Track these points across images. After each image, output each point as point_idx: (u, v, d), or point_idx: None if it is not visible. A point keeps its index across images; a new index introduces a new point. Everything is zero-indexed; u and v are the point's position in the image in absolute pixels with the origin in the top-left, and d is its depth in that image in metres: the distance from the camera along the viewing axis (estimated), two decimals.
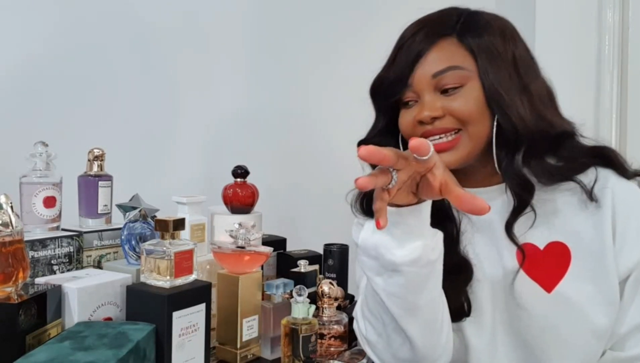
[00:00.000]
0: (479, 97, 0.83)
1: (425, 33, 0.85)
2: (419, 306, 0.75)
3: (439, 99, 0.84)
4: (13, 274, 0.71)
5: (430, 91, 0.84)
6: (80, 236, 0.95)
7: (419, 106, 0.85)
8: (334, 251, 1.11)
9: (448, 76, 0.83)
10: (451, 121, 0.83)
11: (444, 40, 0.85)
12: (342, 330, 0.92)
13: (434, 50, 0.85)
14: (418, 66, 0.85)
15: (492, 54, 0.84)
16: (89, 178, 1.01)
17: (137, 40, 1.40)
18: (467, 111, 0.83)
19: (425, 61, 0.84)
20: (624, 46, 1.65)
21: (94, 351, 0.64)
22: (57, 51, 1.27)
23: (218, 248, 0.90)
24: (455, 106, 0.83)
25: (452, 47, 0.85)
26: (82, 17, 1.30)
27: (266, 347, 0.91)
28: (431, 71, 0.84)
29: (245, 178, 1.07)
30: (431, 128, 0.84)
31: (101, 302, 0.78)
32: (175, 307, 0.75)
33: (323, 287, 0.92)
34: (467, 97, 0.83)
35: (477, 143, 0.85)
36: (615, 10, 1.64)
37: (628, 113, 1.66)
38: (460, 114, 0.83)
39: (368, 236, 0.74)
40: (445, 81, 0.83)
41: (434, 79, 0.83)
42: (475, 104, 0.83)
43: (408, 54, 0.85)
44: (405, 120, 0.88)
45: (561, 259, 0.85)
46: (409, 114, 0.87)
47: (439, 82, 0.83)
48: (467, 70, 0.83)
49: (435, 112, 0.83)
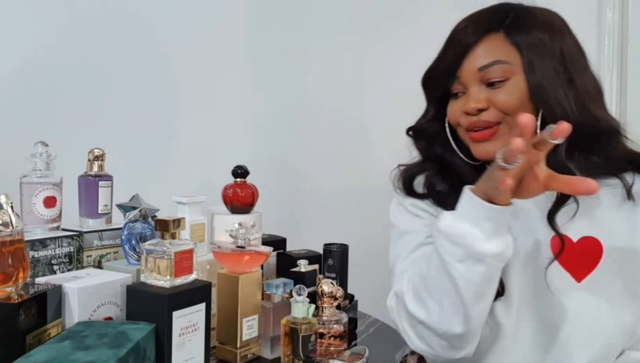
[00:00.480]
0: (523, 91, 0.87)
1: (474, 28, 0.90)
2: (488, 293, 0.80)
3: (484, 91, 0.88)
4: (13, 274, 0.71)
5: (476, 84, 0.89)
6: (80, 236, 0.95)
7: (465, 97, 0.90)
8: (334, 251, 1.11)
9: (493, 70, 0.87)
10: (494, 113, 0.87)
11: (491, 35, 0.89)
12: (342, 329, 0.92)
13: (482, 44, 0.89)
14: (466, 59, 0.89)
15: (538, 49, 0.88)
16: (89, 178, 1.01)
17: (137, 40, 1.40)
18: (510, 104, 0.86)
19: (472, 54, 0.89)
20: (623, 46, 1.65)
21: (94, 351, 0.64)
22: (57, 51, 1.27)
23: (218, 248, 0.90)
24: (499, 98, 0.87)
25: (499, 42, 0.89)
26: (83, 17, 1.30)
27: (266, 346, 0.91)
28: (477, 64, 0.88)
29: (245, 178, 1.07)
30: (476, 120, 0.88)
31: (101, 302, 0.78)
32: (175, 307, 0.75)
33: (323, 287, 0.92)
34: (511, 90, 0.87)
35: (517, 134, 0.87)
36: (615, 10, 1.64)
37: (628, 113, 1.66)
38: (503, 106, 0.87)
39: (453, 224, 0.77)
40: (490, 74, 0.87)
41: (479, 72, 0.88)
42: (519, 97, 0.87)
43: (457, 47, 0.90)
44: (453, 110, 0.93)
45: (593, 253, 0.87)
46: (457, 105, 0.92)
47: (485, 76, 0.88)
48: (512, 64, 0.87)
49: (480, 104, 0.87)
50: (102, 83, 1.34)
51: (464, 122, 0.91)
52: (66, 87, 1.28)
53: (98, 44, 1.33)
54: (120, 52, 1.37)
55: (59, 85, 1.27)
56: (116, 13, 1.36)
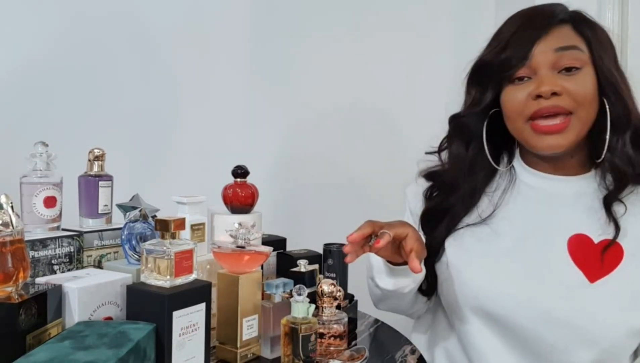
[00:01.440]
0: (594, 83, 0.88)
1: (542, 18, 0.90)
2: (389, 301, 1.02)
3: (557, 77, 0.87)
4: (13, 274, 0.71)
5: (549, 68, 0.88)
6: (80, 236, 0.95)
7: (536, 81, 0.88)
8: (334, 251, 1.11)
9: (569, 55, 0.87)
10: (567, 101, 0.87)
11: (562, 25, 0.90)
12: (342, 329, 0.92)
13: (555, 30, 0.89)
14: (538, 44, 0.88)
15: (602, 44, 0.90)
16: (89, 178, 1.01)
17: (137, 40, 1.40)
18: (584, 94, 0.87)
19: (546, 38, 0.88)
20: (623, 46, 1.65)
21: (94, 350, 0.64)
22: (57, 51, 1.27)
23: (218, 248, 0.90)
24: (574, 86, 0.87)
25: (570, 32, 0.90)
26: (83, 17, 1.31)
27: (266, 346, 0.91)
28: (554, 45, 0.88)
29: (245, 178, 1.07)
30: (547, 104, 0.87)
31: (101, 302, 0.78)
32: (176, 307, 0.75)
33: (323, 287, 0.92)
34: (584, 80, 0.87)
35: (583, 128, 0.89)
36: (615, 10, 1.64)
37: None
38: (577, 95, 0.86)
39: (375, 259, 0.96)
40: (565, 59, 0.87)
41: (555, 53, 0.87)
42: (592, 88, 0.88)
43: (528, 34, 0.89)
44: (517, 97, 0.90)
45: (613, 256, 0.87)
46: (522, 90, 0.89)
47: (560, 60, 0.87)
48: (585, 53, 0.88)
49: (556, 87, 0.86)
50: (102, 83, 1.34)
51: (530, 108, 0.88)
52: (66, 88, 1.28)
53: (98, 44, 1.33)
54: (120, 53, 1.37)
55: (59, 85, 1.27)
56: (116, 14, 1.36)
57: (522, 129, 0.91)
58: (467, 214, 1.00)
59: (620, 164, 0.88)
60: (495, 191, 1.01)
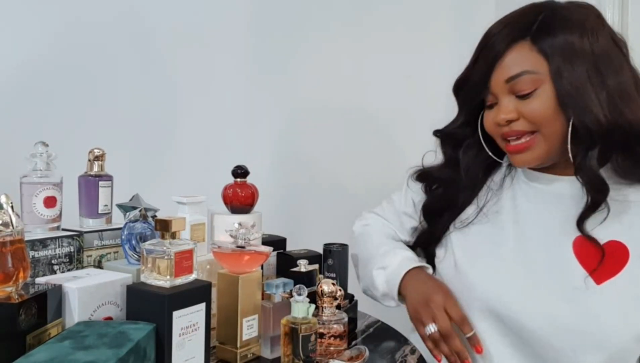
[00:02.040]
0: (552, 100, 0.86)
1: (503, 36, 0.90)
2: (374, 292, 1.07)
3: (513, 102, 0.89)
4: (13, 274, 0.71)
5: (506, 95, 0.90)
6: (80, 236, 0.95)
7: (497, 108, 0.92)
8: (334, 251, 1.11)
9: (521, 81, 0.87)
10: (525, 123, 0.89)
11: (518, 44, 0.89)
12: (342, 329, 0.92)
13: (509, 54, 0.89)
14: (495, 71, 0.90)
15: (566, 54, 0.85)
16: (89, 178, 1.01)
17: (137, 39, 1.40)
18: (540, 115, 0.87)
19: (500, 65, 0.90)
20: None
21: (94, 350, 0.64)
22: (57, 50, 1.27)
23: (218, 248, 0.90)
24: (528, 109, 0.88)
25: (526, 52, 0.88)
26: (83, 17, 1.31)
27: (266, 346, 0.91)
28: (505, 76, 0.89)
29: (245, 178, 1.07)
30: (508, 130, 0.90)
31: (101, 302, 0.78)
32: (176, 307, 0.75)
33: (323, 287, 0.92)
34: (539, 100, 0.87)
35: (552, 142, 0.89)
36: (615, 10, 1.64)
37: None
38: (532, 117, 0.87)
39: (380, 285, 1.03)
40: (518, 85, 0.88)
41: (507, 84, 0.89)
42: (548, 106, 0.86)
43: (487, 57, 0.91)
44: (487, 121, 0.95)
45: (618, 258, 0.86)
46: (490, 116, 0.94)
47: (513, 87, 0.88)
48: (540, 73, 0.86)
49: (509, 115, 0.89)
50: (102, 83, 1.34)
51: (497, 132, 0.93)
52: (66, 88, 1.28)
53: (98, 44, 1.33)
54: (120, 52, 1.37)
55: (59, 85, 1.27)
56: (116, 14, 1.36)
57: (502, 146, 0.95)
58: (467, 205, 1.02)
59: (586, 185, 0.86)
60: (497, 184, 1.02)
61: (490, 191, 1.02)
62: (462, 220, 1.02)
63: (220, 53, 1.55)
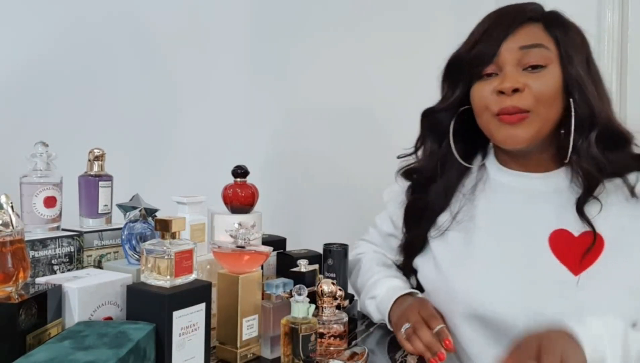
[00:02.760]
0: (558, 82, 0.89)
1: (514, 16, 0.92)
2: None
3: (521, 74, 0.90)
4: (13, 274, 0.71)
5: (514, 65, 0.90)
6: (80, 236, 0.95)
7: (501, 77, 0.91)
8: (334, 251, 1.11)
9: (534, 53, 0.89)
10: (528, 98, 0.89)
11: (531, 24, 0.92)
12: (342, 329, 0.92)
13: (523, 29, 0.91)
14: (506, 41, 0.90)
15: (573, 46, 0.91)
16: (89, 178, 1.01)
17: (137, 39, 1.40)
18: (546, 92, 0.88)
19: (513, 36, 0.90)
20: (623, 46, 1.66)
21: (94, 350, 0.64)
22: (57, 51, 1.27)
23: (218, 248, 0.90)
24: (536, 84, 0.89)
25: (539, 31, 0.91)
26: (83, 17, 1.31)
27: (266, 346, 0.91)
28: (520, 43, 0.90)
29: (245, 178, 1.08)
30: (508, 103, 0.89)
31: (101, 302, 0.78)
32: (176, 307, 0.75)
33: (323, 287, 0.92)
34: (547, 78, 0.89)
35: (544, 125, 0.91)
36: (614, 11, 1.64)
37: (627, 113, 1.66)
38: (539, 92, 0.88)
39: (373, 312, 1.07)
40: (530, 57, 0.89)
41: (520, 50, 0.89)
42: (554, 87, 0.89)
43: (496, 32, 0.91)
44: (482, 91, 0.93)
45: (594, 248, 0.88)
46: (488, 85, 0.92)
47: (524, 57, 0.89)
48: (551, 52, 0.90)
49: (517, 84, 0.88)
50: (102, 83, 1.34)
51: (494, 104, 0.91)
52: (66, 88, 1.28)
53: (98, 44, 1.33)
54: (120, 52, 1.37)
55: (59, 85, 1.27)
56: (116, 14, 1.36)
57: (489, 122, 0.94)
58: (442, 211, 1.03)
59: (587, 166, 0.89)
60: (469, 189, 1.03)
61: (464, 197, 1.03)
62: (438, 228, 1.02)
63: (220, 53, 1.55)
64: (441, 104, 1.02)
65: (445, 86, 1.01)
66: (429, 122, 1.04)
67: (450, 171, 1.02)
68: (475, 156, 1.06)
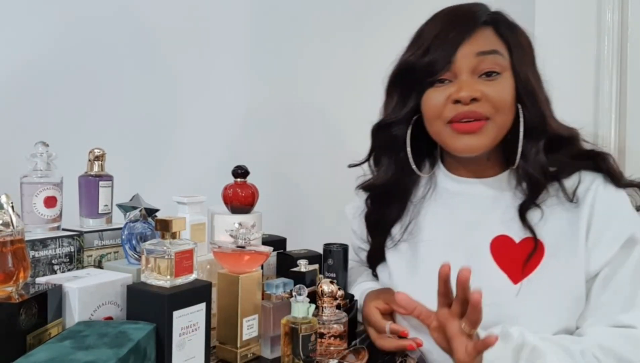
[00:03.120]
0: (512, 89, 0.88)
1: (467, 20, 0.89)
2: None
3: (477, 82, 0.87)
4: (14, 274, 0.71)
5: (469, 73, 0.87)
6: (80, 236, 0.95)
7: (456, 85, 0.87)
8: (334, 251, 1.11)
9: (490, 59, 0.86)
10: (485, 106, 0.86)
11: (483, 28, 0.89)
12: (342, 329, 0.92)
13: (477, 34, 0.88)
14: (461, 47, 0.87)
15: (522, 51, 0.89)
16: (89, 178, 1.01)
17: (137, 39, 1.40)
18: (503, 99, 0.87)
19: (469, 42, 0.87)
20: (623, 47, 1.66)
21: (94, 350, 0.64)
22: (57, 50, 1.27)
23: (218, 248, 0.90)
24: (493, 92, 0.86)
25: (492, 35, 0.89)
26: (83, 16, 1.31)
27: (266, 346, 0.91)
28: (476, 49, 0.86)
29: (245, 178, 1.08)
30: (465, 110, 0.86)
31: (102, 302, 0.78)
32: (176, 307, 0.75)
33: (323, 286, 0.92)
34: (504, 85, 0.87)
35: (500, 132, 0.89)
36: (614, 11, 1.64)
37: (627, 113, 1.66)
38: (496, 100, 0.86)
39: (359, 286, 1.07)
40: (486, 64, 0.86)
41: (477, 57, 0.86)
42: (510, 94, 0.87)
43: (450, 37, 0.88)
44: (435, 99, 0.89)
45: (534, 254, 0.87)
46: (441, 92, 0.89)
47: (480, 64, 0.86)
48: (505, 59, 0.88)
49: (475, 93, 0.86)
50: (102, 83, 1.34)
51: (449, 112, 0.88)
52: (66, 88, 1.28)
53: (98, 45, 1.33)
54: (120, 52, 1.37)
55: (59, 85, 1.27)
56: (115, 13, 1.36)
57: (441, 131, 0.91)
58: (395, 223, 1.02)
59: (533, 172, 0.88)
60: (419, 199, 1.02)
61: (414, 207, 1.02)
62: (392, 239, 1.02)
63: (221, 53, 1.55)
64: (394, 115, 0.97)
65: (395, 95, 0.97)
66: (383, 137, 1.00)
67: (403, 181, 1.00)
68: (423, 163, 1.04)
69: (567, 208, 0.88)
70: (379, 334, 0.92)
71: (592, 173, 0.89)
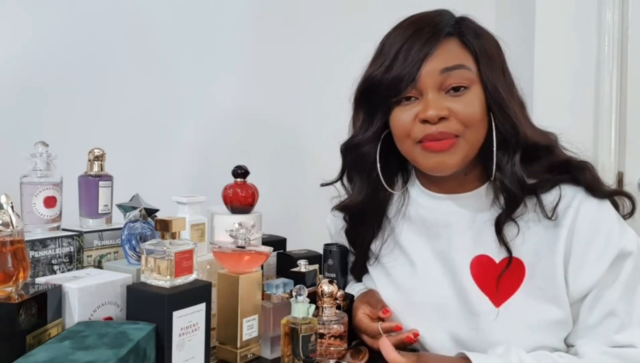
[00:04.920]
0: (482, 102, 0.83)
1: (430, 33, 0.84)
2: None
3: (444, 99, 0.83)
4: (13, 274, 0.71)
5: (435, 90, 0.83)
6: (80, 236, 0.95)
7: (423, 103, 0.83)
8: (334, 251, 1.11)
9: (456, 74, 0.82)
10: (454, 124, 0.82)
11: (448, 40, 0.84)
12: (342, 329, 0.92)
13: (441, 48, 0.83)
14: (425, 64, 0.82)
15: (490, 59, 0.85)
16: (89, 178, 1.01)
17: (137, 39, 1.40)
18: (472, 115, 0.82)
19: (433, 57, 0.82)
20: (623, 46, 1.65)
21: (94, 350, 0.64)
22: (57, 50, 1.27)
23: (218, 248, 0.90)
24: (461, 108, 0.82)
25: (457, 48, 0.84)
26: (82, 16, 1.31)
27: (266, 346, 0.91)
28: (441, 66, 0.82)
29: (245, 178, 1.08)
30: (433, 130, 0.82)
31: (101, 302, 0.78)
32: (176, 307, 0.75)
33: (323, 287, 0.92)
34: (472, 100, 0.83)
35: (472, 148, 0.85)
36: (615, 11, 1.64)
37: (627, 113, 1.66)
38: (465, 117, 0.82)
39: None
40: (452, 79, 0.82)
41: (442, 74, 0.82)
42: (480, 108, 0.83)
43: (413, 52, 0.83)
44: (402, 118, 0.86)
45: (515, 275, 0.84)
46: (408, 111, 0.85)
47: (446, 80, 0.82)
48: (472, 72, 0.83)
49: (443, 112, 0.81)
50: (102, 83, 1.34)
51: (418, 133, 0.84)
52: (66, 88, 1.28)
53: (98, 44, 1.33)
54: (120, 52, 1.37)
55: (59, 85, 1.27)
56: (115, 13, 1.36)
57: (412, 150, 0.87)
58: (372, 241, 1.00)
59: (510, 184, 0.83)
60: (395, 214, 0.99)
61: (389, 224, 0.99)
62: (373, 254, 1.00)
63: (220, 52, 1.54)
64: (362, 135, 0.93)
65: (362, 113, 0.94)
66: (352, 157, 0.97)
67: (377, 199, 0.97)
68: (396, 177, 1.01)
69: (546, 226, 0.84)
70: (374, 338, 0.91)
71: (572, 186, 0.85)
